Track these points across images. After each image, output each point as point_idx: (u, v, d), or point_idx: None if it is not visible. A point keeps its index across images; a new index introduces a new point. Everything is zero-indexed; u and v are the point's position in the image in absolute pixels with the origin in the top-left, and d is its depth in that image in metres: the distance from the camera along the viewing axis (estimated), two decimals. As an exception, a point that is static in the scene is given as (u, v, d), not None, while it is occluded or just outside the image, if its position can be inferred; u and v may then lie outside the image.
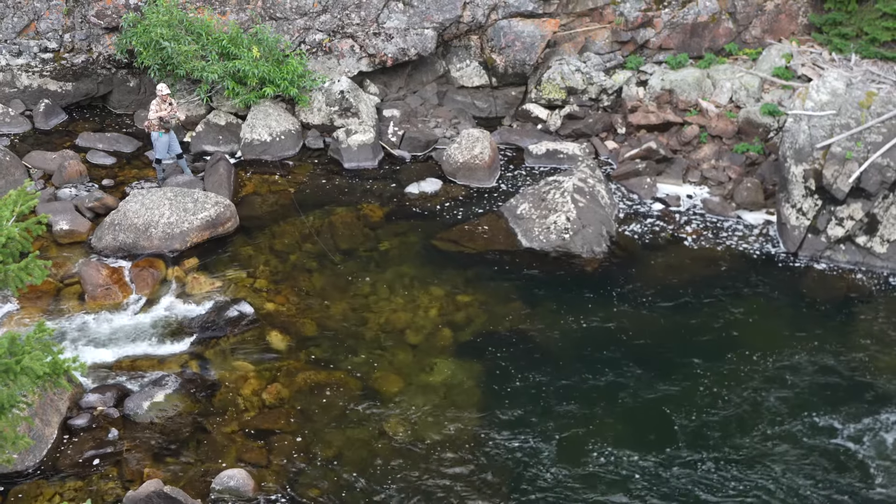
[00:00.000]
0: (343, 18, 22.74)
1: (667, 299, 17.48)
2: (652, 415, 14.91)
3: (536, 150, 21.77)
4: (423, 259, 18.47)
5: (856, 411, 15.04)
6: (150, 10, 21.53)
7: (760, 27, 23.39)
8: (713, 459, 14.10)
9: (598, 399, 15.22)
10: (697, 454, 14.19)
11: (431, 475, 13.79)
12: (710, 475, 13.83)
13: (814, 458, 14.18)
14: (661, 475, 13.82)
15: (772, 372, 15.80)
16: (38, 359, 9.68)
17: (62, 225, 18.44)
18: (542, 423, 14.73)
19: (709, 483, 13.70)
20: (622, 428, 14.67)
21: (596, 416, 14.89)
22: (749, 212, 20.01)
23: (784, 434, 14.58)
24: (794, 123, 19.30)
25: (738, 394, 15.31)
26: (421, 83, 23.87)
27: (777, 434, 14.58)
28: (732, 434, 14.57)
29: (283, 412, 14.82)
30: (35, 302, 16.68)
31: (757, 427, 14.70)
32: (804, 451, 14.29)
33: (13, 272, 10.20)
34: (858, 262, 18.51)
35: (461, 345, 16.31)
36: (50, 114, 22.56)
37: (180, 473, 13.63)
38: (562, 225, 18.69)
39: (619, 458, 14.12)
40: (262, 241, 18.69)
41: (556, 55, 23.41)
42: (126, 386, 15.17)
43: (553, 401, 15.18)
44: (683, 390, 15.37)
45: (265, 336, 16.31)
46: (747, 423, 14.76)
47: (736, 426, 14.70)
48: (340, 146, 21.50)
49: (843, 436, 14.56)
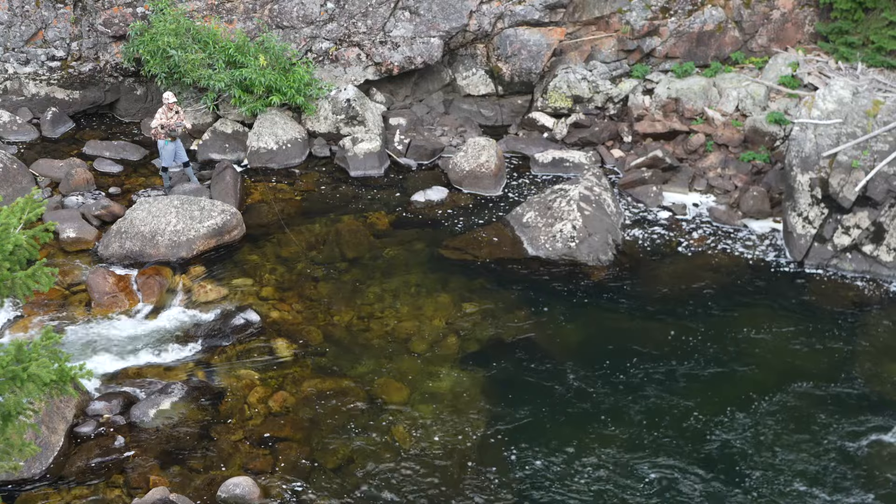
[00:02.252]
0: (349, 27, 22.80)
1: (672, 308, 17.46)
2: (658, 423, 14.88)
3: (542, 158, 21.79)
4: (428, 267, 18.47)
5: (863, 420, 14.99)
6: (157, 19, 21.61)
7: (767, 36, 23.39)
8: (719, 468, 14.07)
9: (604, 408, 15.20)
10: (703, 462, 14.16)
11: (437, 483, 13.77)
12: (717, 483, 13.80)
13: (819, 465, 14.14)
14: (668, 484, 13.79)
15: (778, 381, 15.76)
16: (44, 366, 9.69)
17: (69, 233, 18.48)
18: (548, 432, 14.71)
19: (714, 491, 13.67)
20: (629, 437, 14.64)
21: (602, 425, 14.87)
22: (755, 220, 19.99)
23: (790, 442, 14.53)
24: (800, 132, 19.28)
25: (744, 403, 15.27)
26: (427, 91, 23.91)
27: (783, 442, 14.53)
28: (739, 443, 14.52)
29: (289, 420, 14.82)
30: (42, 309, 16.72)
31: (763, 435, 14.66)
32: (810, 458, 14.25)
33: (20, 279, 10.22)
34: (865, 271, 18.46)
35: (467, 353, 16.31)
36: (57, 122, 22.63)
37: (186, 481, 13.63)
38: (568, 233, 18.69)
39: (626, 467, 14.09)
40: (269, 249, 18.72)
41: (562, 64, 23.42)
42: (132, 393, 15.19)
43: (559, 409, 15.17)
44: (689, 399, 15.34)
45: (271, 344, 16.32)
46: (753, 432, 14.72)
47: (742, 435, 14.66)
48: (347, 154, 21.53)
49: (851, 445, 14.51)
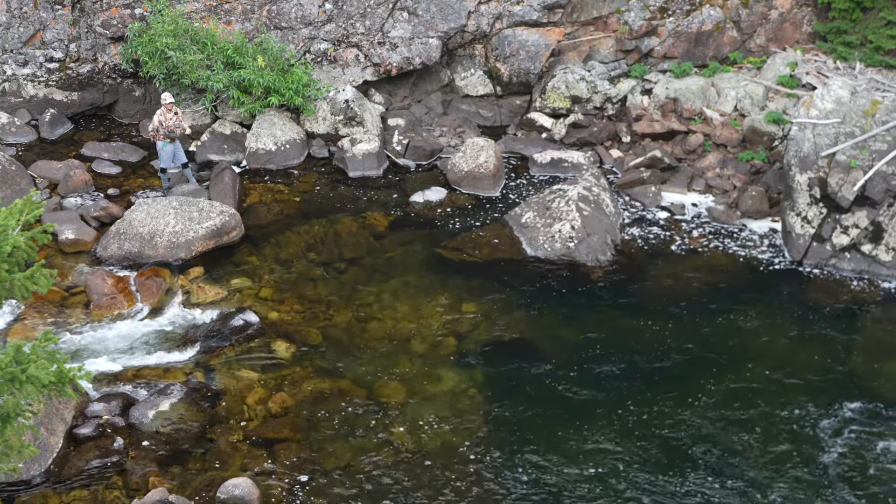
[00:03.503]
0: (348, 28, 22.79)
1: (671, 308, 17.45)
2: (658, 425, 14.87)
3: (541, 158, 21.78)
4: (427, 268, 18.47)
5: (863, 421, 14.99)
6: (155, 20, 21.60)
7: (765, 36, 23.39)
8: (718, 468, 14.06)
9: (603, 408, 15.19)
10: (701, 464, 14.15)
11: (436, 485, 13.77)
12: (716, 486, 13.79)
13: (818, 467, 14.14)
14: (667, 487, 13.78)
15: (777, 381, 15.76)
16: (43, 367, 9.70)
17: (68, 234, 18.47)
18: (547, 432, 14.71)
19: (713, 494, 13.67)
20: (628, 438, 14.63)
21: (601, 426, 14.86)
22: (754, 220, 19.99)
23: (789, 444, 14.53)
24: (798, 132, 19.29)
25: (743, 403, 15.27)
26: (426, 92, 23.90)
27: (783, 443, 14.53)
28: (737, 445, 14.52)
29: (289, 421, 14.81)
30: (40, 311, 16.71)
31: (762, 437, 14.65)
32: (808, 459, 14.25)
33: (19, 281, 10.23)
34: (863, 271, 18.47)
35: (466, 353, 16.31)
36: (55, 123, 22.62)
37: (185, 482, 13.63)
38: (566, 233, 18.69)
39: (626, 469, 14.08)
40: (267, 250, 18.71)
41: (560, 64, 23.42)
42: (131, 395, 15.18)
43: (558, 409, 15.16)
44: (688, 399, 15.33)
45: (270, 345, 16.32)
46: (752, 433, 14.71)
47: (741, 436, 14.65)
48: (345, 155, 21.53)
49: (851, 446, 14.51)
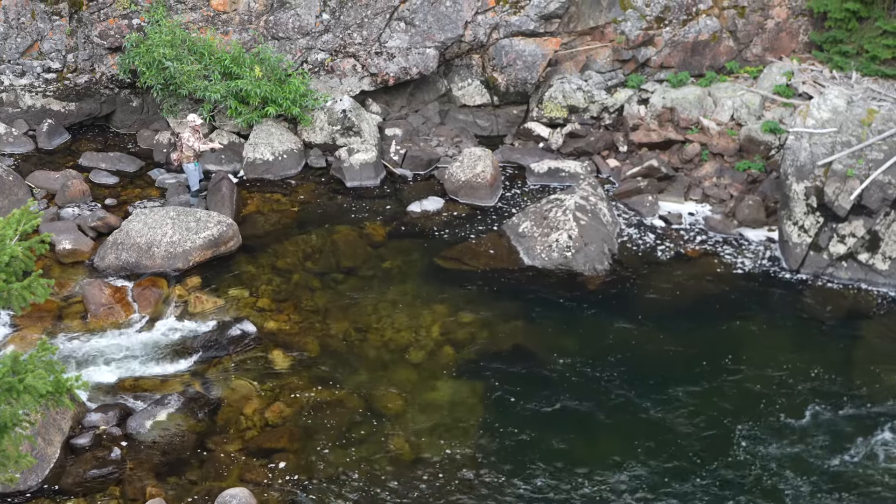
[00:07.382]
0: (345, 38, 22.84)
1: (668, 317, 17.47)
2: (654, 434, 14.87)
3: (538, 168, 21.81)
4: (425, 277, 18.48)
5: (859, 430, 15.00)
6: (152, 31, 21.63)
7: (761, 45, 23.47)
8: (714, 479, 14.06)
9: (600, 418, 15.20)
10: (698, 473, 14.15)
11: (434, 494, 13.76)
12: (711, 493, 13.79)
13: (817, 475, 14.14)
14: (667, 496, 13.78)
15: (774, 390, 15.77)
16: (40, 377, 9.69)
17: (65, 244, 18.46)
18: (545, 442, 14.70)
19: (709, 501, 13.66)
20: (624, 447, 14.63)
21: (598, 436, 14.87)
22: (751, 229, 20.02)
23: (787, 452, 14.54)
24: (795, 141, 19.34)
25: (740, 413, 15.27)
26: (423, 102, 23.95)
27: (780, 452, 14.54)
28: (734, 454, 14.52)
29: (286, 431, 14.80)
30: (38, 321, 16.68)
31: (759, 447, 14.66)
32: (808, 467, 14.25)
33: (16, 291, 10.22)
34: (860, 280, 18.50)
35: (463, 363, 16.30)
36: (53, 133, 22.63)
37: (183, 492, 13.61)
38: (564, 243, 18.71)
39: (622, 478, 14.08)
40: (265, 260, 18.71)
41: (557, 74, 23.47)
42: (128, 405, 15.16)
43: (555, 419, 15.16)
44: (685, 409, 15.34)
45: (268, 355, 16.31)
46: (749, 443, 14.72)
47: (738, 446, 14.66)
48: (343, 165, 21.54)
49: (847, 456, 14.52)
